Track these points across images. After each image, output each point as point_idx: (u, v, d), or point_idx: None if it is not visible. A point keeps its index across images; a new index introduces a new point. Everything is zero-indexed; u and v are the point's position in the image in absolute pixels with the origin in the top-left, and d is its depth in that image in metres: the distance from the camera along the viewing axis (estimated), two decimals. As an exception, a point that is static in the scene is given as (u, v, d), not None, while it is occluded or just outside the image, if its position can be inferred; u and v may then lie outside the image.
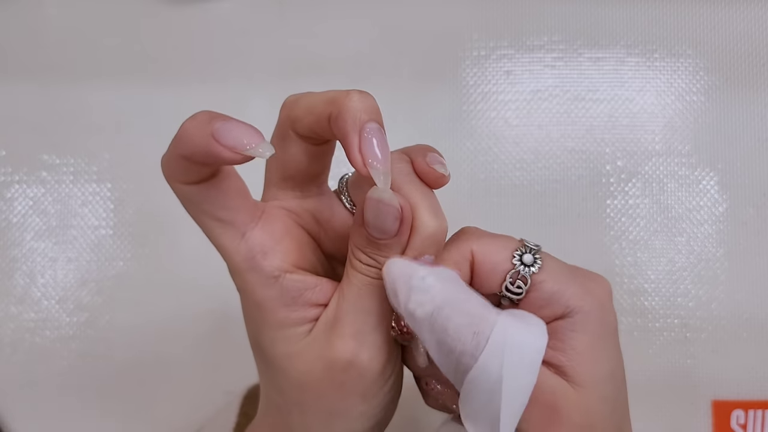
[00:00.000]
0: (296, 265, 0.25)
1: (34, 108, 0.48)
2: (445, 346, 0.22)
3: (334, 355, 0.24)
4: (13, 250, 0.47)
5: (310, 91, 0.24)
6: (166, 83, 0.48)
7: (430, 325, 0.22)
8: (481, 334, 0.21)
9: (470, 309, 0.21)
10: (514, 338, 0.21)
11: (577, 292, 0.23)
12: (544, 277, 0.23)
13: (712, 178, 0.47)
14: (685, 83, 0.48)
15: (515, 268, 0.23)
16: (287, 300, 0.24)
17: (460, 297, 0.22)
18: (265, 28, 0.49)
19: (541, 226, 0.47)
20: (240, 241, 0.24)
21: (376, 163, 0.21)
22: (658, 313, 0.46)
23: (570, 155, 0.47)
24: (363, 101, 0.22)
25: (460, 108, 0.48)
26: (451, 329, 0.21)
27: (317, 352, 0.24)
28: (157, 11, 0.49)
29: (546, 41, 0.48)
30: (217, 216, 0.24)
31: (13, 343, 0.46)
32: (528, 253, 0.24)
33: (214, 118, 0.21)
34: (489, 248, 0.24)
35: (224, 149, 0.20)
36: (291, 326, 0.24)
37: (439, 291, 0.21)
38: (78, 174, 0.47)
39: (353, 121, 0.21)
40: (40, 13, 0.49)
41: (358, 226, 0.23)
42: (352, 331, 0.24)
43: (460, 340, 0.21)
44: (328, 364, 0.24)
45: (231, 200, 0.24)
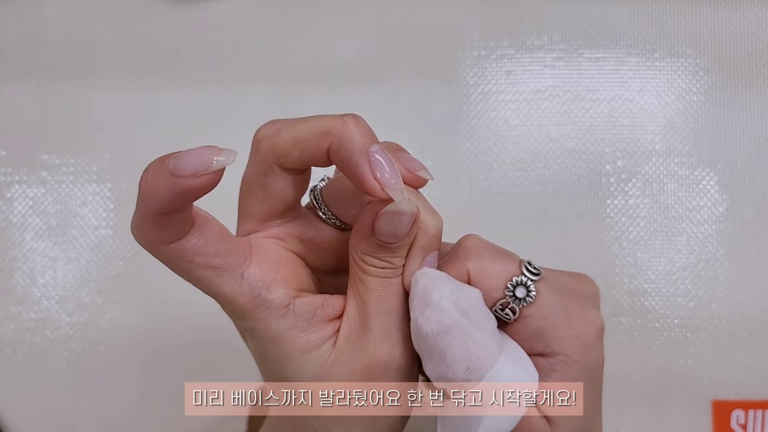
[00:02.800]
0: (297, 289, 0.25)
1: (34, 108, 0.48)
2: (439, 368, 0.22)
3: (370, 361, 0.24)
4: (13, 250, 0.47)
5: (281, 119, 0.24)
6: (166, 83, 0.48)
7: (431, 345, 0.22)
8: (473, 372, 0.21)
9: (472, 344, 0.22)
10: (506, 386, 0.21)
11: (563, 334, 0.23)
12: (532, 313, 0.23)
13: (712, 178, 0.47)
14: (685, 83, 0.48)
15: (506, 298, 0.23)
16: (303, 325, 0.24)
17: (467, 328, 0.22)
18: (265, 28, 0.49)
19: (541, 226, 0.47)
20: (241, 283, 0.24)
21: (393, 182, 0.21)
22: (658, 313, 0.46)
23: (570, 155, 0.47)
24: (360, 126, 0.22)
25: (460, 108, 0.48)
26: (448, 357, 0.22)
27: (349, 363, 0.24)
28: (157, 11, 0.49)
29: (546, 41, 0.48)
30: (212, 265, 0.23)
31: (13, 343, 0.46)
32: (522, 285, 0.23)
33: (163, 161, 0.20)
34: (486, 272, 0.24)
35: (189, 180, 0.20)
36: (314, 349, 0.24)
37: (451, 315, 0.22)
38: (78, 174, 0.47)
39: (359, 150, 0.21)
40: (40, 13, 0.49)
41: (365, 237, 0.23)
42: (382, 333, 0.24)
43: (453, 370, 0.22)
44: (366, 370, 0.24)
45: (219, 245, 0.23)
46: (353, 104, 0.48)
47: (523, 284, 0.23)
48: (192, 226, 0.23)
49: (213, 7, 0.49)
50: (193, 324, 0.46)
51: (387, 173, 0.21)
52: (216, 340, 0.45)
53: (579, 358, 0.24)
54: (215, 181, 0.21)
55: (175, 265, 0.24)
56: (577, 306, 0.25)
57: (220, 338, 0.45)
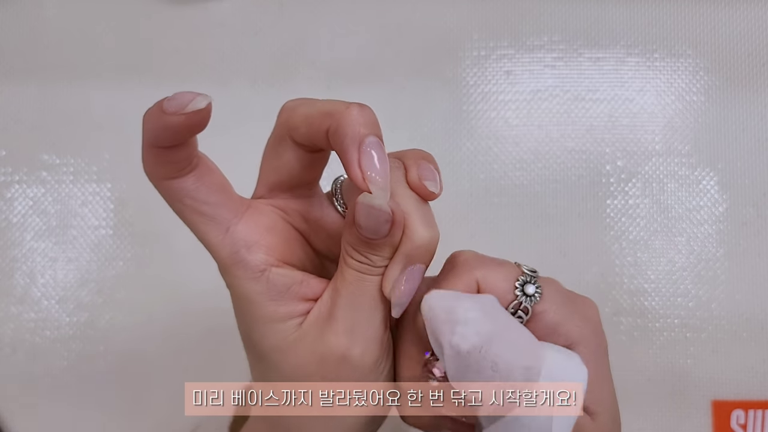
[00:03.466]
0: (282, 260, 0.25)
1: (34, 108, 0.48)
2: (495, 379, 0.21)
3: (326, 350, 0.24)
4: (13, 250, 0.47)
5: (308, 98, 0.24)
6: (166, 83, 0.48)
7: (476, 360, 0.21)
8: (532, 370, 0.21)
9: (519, 342, 0.21)
10: (562, 374, 0.21)
11: (576, 322, 0.24)
12: (545, 308, 0.24)
13: (712, 178, 0.47)
14: (685, 83, 0.48)
15: (518, 299, 0.23)
16: (274, 294, 0.25)
17: (507, 331, 0.21)
18: (265, 28, 0.49)
19: (541, 226, 0.47)
20: (224, 236, 0.25)
21: (377, 176, 0.21)
22: (658, 313, 0.46)
23: (570, 155, 0.47)
24: (362, 115, 0.22)
25: (460, 108, 0.48)
26: (501, 364, 0.21)
27: (309, 346, 0.24)
28: (157, 11, 0.49)
29: (546, 41, 0.48)
30: (200, 211, 0.25)
31: (13, 343, 0.46)
32: (529, 282, 0.24)
33: (162, 99, 0.23)
34: (493, 278, 0.24)
35: (171, 116, 0.22)
36: (280, 320, 0.25)
37: (485, 323, 0.21)
38: (78, 174, 0.47)
39: (353, 136, 0.22)
40: (40, 13, 0.49)
41: (349, 226, 0.23)
42: (345, 327, 0.24)
43: (512, 375, 0.21)
44: (321, 358, 0.24)
45: (212, 195, 0.24)
46: (353, 104, 0.48)
47: (530, 282, 0.24)
48: (192, 171, 0.24)
49: (213, 7, 0.49)
50: (193, 324, 0.46)
51: (373, 166, 0.21)
52: (216, 340, 0.45)
53: (594, 341, 0.24)
54: (194, 122, 0.22)
55: (170, 202, 0.25)
56: (573, 297, 0.25)
57: (220, 338, 0.45)
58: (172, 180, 0.24)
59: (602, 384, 0.24)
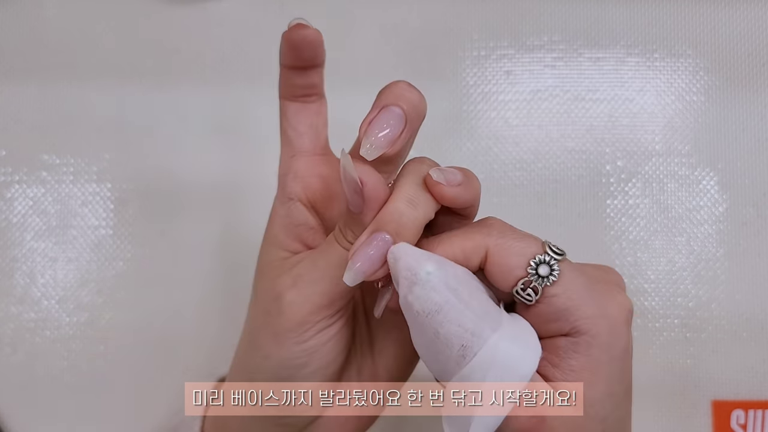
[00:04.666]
0: (314, 204, 0.28)
1: (34, 108, 0.48)
2: (433, 347, 0.22)
3: (274, 286, 0.26)
4: (13, 250, 0.47)
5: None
6: (166, 83, 0.48)
7: (423, 322, 0.22)
8: (468, 349, 0.21)
9: (465, 320, 0.21)
10: (503, 360, 0.21)
11: (589, 313, 0.23)
12: (557, 292, 0.23)
13: (712, 178, 0.47)
14: (685, 83, 0.48)
15: (528, 277, 0.23)
16: (286, 222, 0.27)
17: (458, 306, 0.21)
18: (265, 27, 0.49)
19: (541, 226, 0.47)
20: (288, 159, 0.28)
21: (378, 133, 0.23)
22: (658, 313, 0.46)
23: (570, 155, 0.47)
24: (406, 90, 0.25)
25: (460, 108, 0.48)
26: (441, 334, 0.21)
27: (272, 278, 0.27)
28: (157, 11, 0.49)
29: (546, 41, 0.48)
30: (286, 131, 0.29)
31: (13, 343, 0.46)
32: (545, 263, 0.23)
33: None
34: (507, 249, 0.23)
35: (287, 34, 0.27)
36: (276, 246, 0.27)
37: (440, 292, 0.21)
38: (78, 174, 0.47)
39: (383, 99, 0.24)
40: (40, 13, 0.49)
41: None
42: (295, 273, 0.26)
43: (448, 347, 0.21)
44: (269, 289, 0.26)
45: (301, 125, 0.28)
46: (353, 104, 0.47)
47: (546, 263, 0.23)
48: (301, 101, 0.29)
49: (213, 7, 0.49)
50: (193, 324, 0.46)
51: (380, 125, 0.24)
52: (216, 340, 0.46)
53: (605, 338, 0.23)
54: (296, 41, 0.27)
55: (280, 118, 0.30)
56: (602, 287, 0.24)
57: (220, 338, 0.45)
58: (283, 100, 0.29)
59: (593, 380, 0.23)
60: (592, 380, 0.23)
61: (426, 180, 0.24)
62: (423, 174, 0.25)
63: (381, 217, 0.23)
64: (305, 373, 0.26)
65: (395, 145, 0.24)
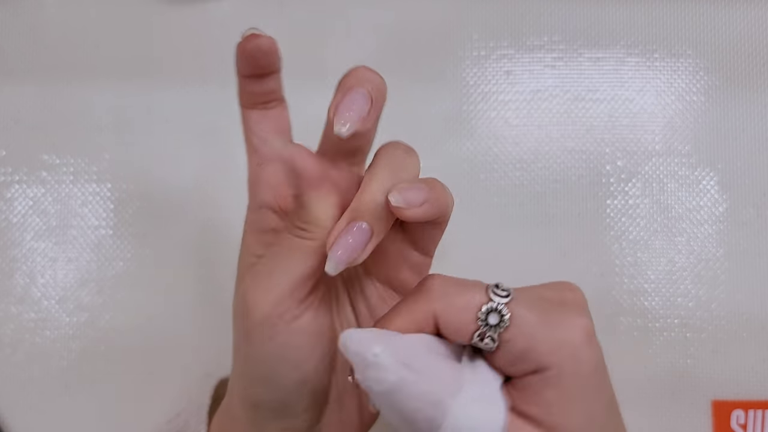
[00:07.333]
0: (285, 207, 0.27)
1: (34, 108, 0.48)
2: (405, 424, 0.22)
3: (240, 287, 0.27)
4: (13, 250, 0.47)
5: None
6: (166, 83, 0.48)
7: (385, 403, 0.21)
8: (433, 422, 0.21)
9: (422, 394, 0.21)
10: (469, 426, 0.21)
11: (548, 348, 0.23)
12: (512, 336, 0.23)
13: (712, 178, 0.47)
14: (685, 83, 0.48)
15: (481, 330, 0.23)
16: (256, 228, 0.28)
17: (412, 379, 0.21)
18: (265, 28, 0.48)
19: (541, 226, 0.47)
20: (256, 168, 0.28)
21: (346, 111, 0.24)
22: (658, 313, 0.46)
23: (570, 155, 0.47)
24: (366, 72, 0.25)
25: (460, 108, 0.48)
26: (405, 412, 0.21)
27: (240, 281, 0.27)
28: (157, 11, 0.49)
29: (546, 41, 0.48)
30: (249, 138, 0.29)
31: (13, 343, 0.46)
32: (494, 311, 0.23)
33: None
34: (453, 308, 0.23)
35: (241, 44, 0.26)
36: (251, 253, 0.28)
37: (392, 371, 0.21)
38: (78, 174, 0.47)
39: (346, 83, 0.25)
40: (40, 13, 0.49)
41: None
42: (254, 271, 0.26)
43: (415, 422, 0.21)
44: (238, 293, 0.27)
45: (264, 131, 0.28)
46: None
47: (495, 310, 0.23)
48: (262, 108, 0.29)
49: (213, 7, 0.49)
50: (194, 324, 0.46)
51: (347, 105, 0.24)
52: (216, 340, 0.45)
53: (571, 367, 0.23)
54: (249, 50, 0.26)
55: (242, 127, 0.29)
56: (556, 315, 0.24)
57: (220, 338, 0.45)
58: (244, 109, 0.28)
59: (571, 409, 0.23)
60: (571, 409, 0.23)
61: (387, 202, 0.24)
62: (397, 158, 0.26)
63: (357, 207, 0.24)
64: (285, 369, 0.26)
65: (366, 122, 0.24)
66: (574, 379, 0.23)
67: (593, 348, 0.23)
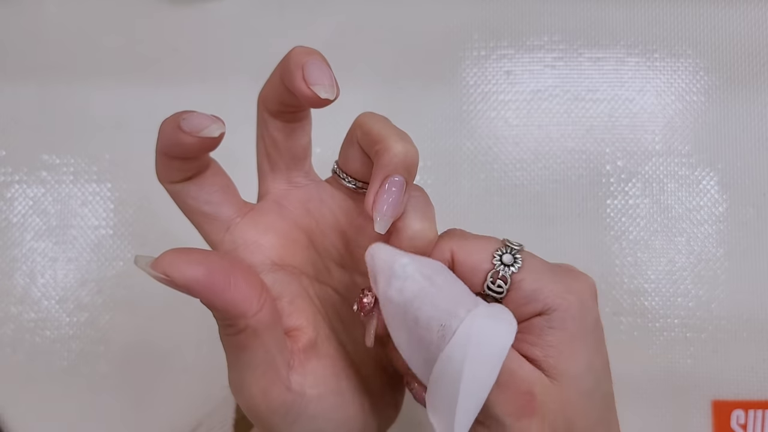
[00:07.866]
0: (281, 260, 0.26)
1: (34, 108, 0.48)
2: (415, 336, 0.22)
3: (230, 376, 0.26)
4: (13, 250, 0.47)
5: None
6: (166, 83, 0.48)
7: (403, 313, 0.23)
8: (447, 328, 0.22)
9: (441, 302, 0.22)
10: (480, 334, 0.21)
11: (557, 290, 0.24)
12: (524, 276, 0.24)
13: (712, 178, 0.47)
14: (685, 83, 0.48)
15: (495, 268, 0.24)
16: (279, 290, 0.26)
17: (433, 290, 0.22)
18: (265, 28, 0.49)
19: (541, 226, 0.47)
20: (224, 234, 0.26)
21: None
22: (658, 313, 0.46)
23: (570, 155, 0.47)
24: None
25: (460, 108, 0.48)
26: (421, 319, 0.22)
27: None
28: (157, 11, 0.49)
29: (546, 41, 0.48)
30: (202, 210, 0.25)
31: (13, 343, 0.46)
32: (508, 253, 0.24)
33: (181, 113, 0.23)
34: (469, 249, 0.24)
35: (186, 135, 0.22)
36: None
37: (416, 281, 0.22)
38: (78, 174, 0.47)
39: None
40: (40, 12, 0.49)
41: None
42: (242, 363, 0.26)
43: (428, 331, 0.22)
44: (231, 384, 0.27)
45: (214, 194, 0.25)
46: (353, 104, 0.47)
47: (509, 252, 0.24)
48: (198, 175, 0.25)
49: (213, 7, 0.49)
50: (194, 324, 0.46)
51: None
52: (216, 340, 0.45)
53: (576, 311, 0.24)
54: (206, 146, 0.23)
55: (176, 202, 0.26)
56: (563, 270, 0.25)
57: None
58: (177, 184, 0.25)
59: (573, 353, 0.23)
60: (572, 353, 0.23)
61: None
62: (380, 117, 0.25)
63: (386, 162, 0.23)
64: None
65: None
66: (578, 324, 0.24)
67: (596, 306, 0.25)
